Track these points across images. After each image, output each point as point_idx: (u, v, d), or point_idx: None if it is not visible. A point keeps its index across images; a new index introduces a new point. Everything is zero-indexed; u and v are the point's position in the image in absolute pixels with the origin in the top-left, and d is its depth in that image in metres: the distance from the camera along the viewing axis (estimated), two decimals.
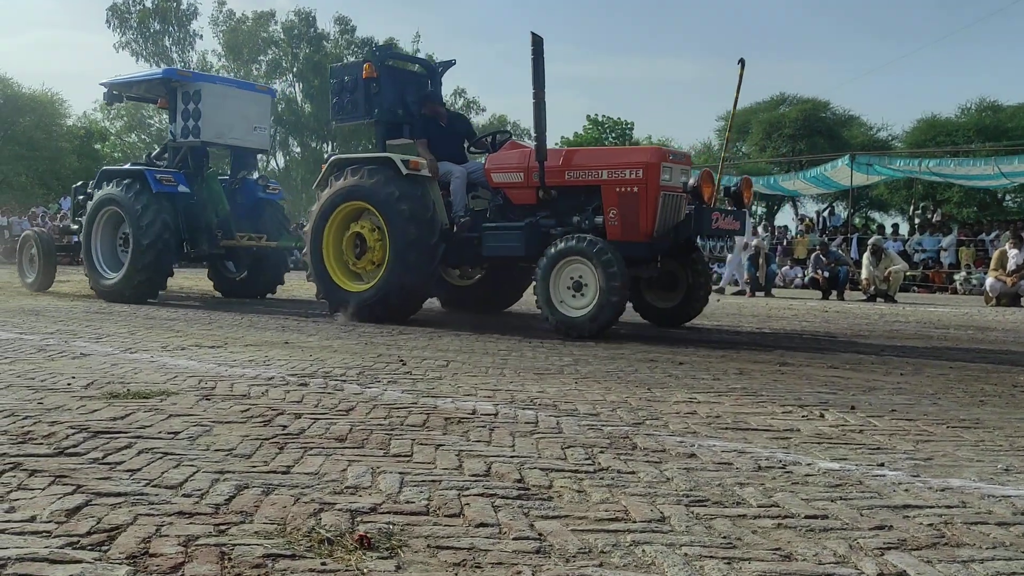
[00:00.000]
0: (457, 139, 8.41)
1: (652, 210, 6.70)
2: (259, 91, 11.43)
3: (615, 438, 3.03)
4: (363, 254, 7.61)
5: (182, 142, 10.25)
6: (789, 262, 20.69)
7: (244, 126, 10.52)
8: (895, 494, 2.40)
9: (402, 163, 7.34)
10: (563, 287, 6.72)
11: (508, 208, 7.48)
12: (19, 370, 4.24)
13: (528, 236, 7.07)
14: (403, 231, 7.23)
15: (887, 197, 32.83)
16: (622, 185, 6.77)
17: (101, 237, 10.00)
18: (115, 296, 9.56)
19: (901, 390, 4.36)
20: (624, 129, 46.77)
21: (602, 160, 7.06)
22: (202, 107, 10.04)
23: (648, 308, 7.80)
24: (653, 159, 6.78)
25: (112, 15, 43.10)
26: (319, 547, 1.88)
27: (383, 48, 9.31)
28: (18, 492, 2.21)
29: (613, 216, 6.78)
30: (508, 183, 7.41)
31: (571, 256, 6.63)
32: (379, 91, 8.12)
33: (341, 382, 4.12)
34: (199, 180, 10.28)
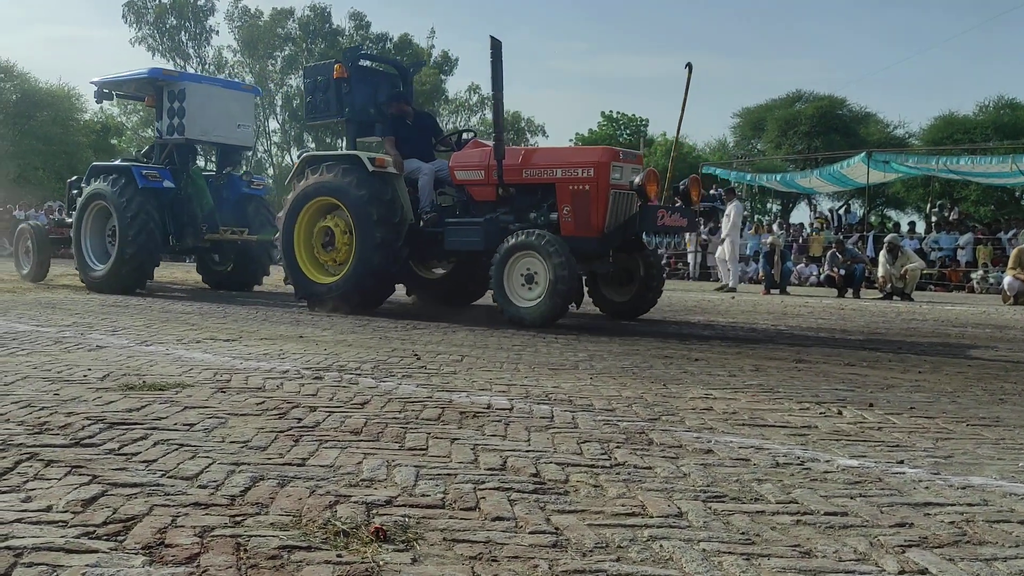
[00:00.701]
0: (424, 137, 8.66)
1: (603, 207, 6.99)
2: (243, 90, 11.71)
3: (631, 433, 3.01)
4: (331, 247, 7.94)
5: (168, 139, 10.52)
6: (804, 260, 20.59)
7: (228, 124, 10.81)
8: (915, 492, 2.37)
9: (368, 160, 7.63)
10: (516, 280, 7.02)
11: (470, 204, 7.75)
12: (36, 362, 4.26)
13: (487, 231, 7.36)
14: (368, 226, 7.52)
15: (904, 195, 32.63)
16: (575, 183, 7.06)
17: (91, 230, 10.32)
18: (102, 287, 9.87)
19: (919, 388, 4.32)
20: (638, 126, 46.62)
21: (557, 159, 7.35)
22: (187, 105, 10.31)
23: (605, 301, 8.10)
24: (603, 159, 7.07)
25: (128, 10, 43.34)
26: (335, 539, 1.87)
27: (353, 49, 9.59)
28: (35, 482, 2.21)
29: (567, 212, 7.06)
30: (470, 180, 7.69)
31: (523, 250, 6.93)
32: (350, 91, 8.44)
33: (356, 376, 4.12)
34: (184, 176, 10.54)
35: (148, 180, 9.87)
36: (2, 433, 2.71)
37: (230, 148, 11.24)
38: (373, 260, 7.56)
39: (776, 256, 15.70)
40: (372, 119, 8.69)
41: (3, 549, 1.75)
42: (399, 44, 46.31)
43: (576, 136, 46.59)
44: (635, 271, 7.85)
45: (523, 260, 6.98)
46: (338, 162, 7.88)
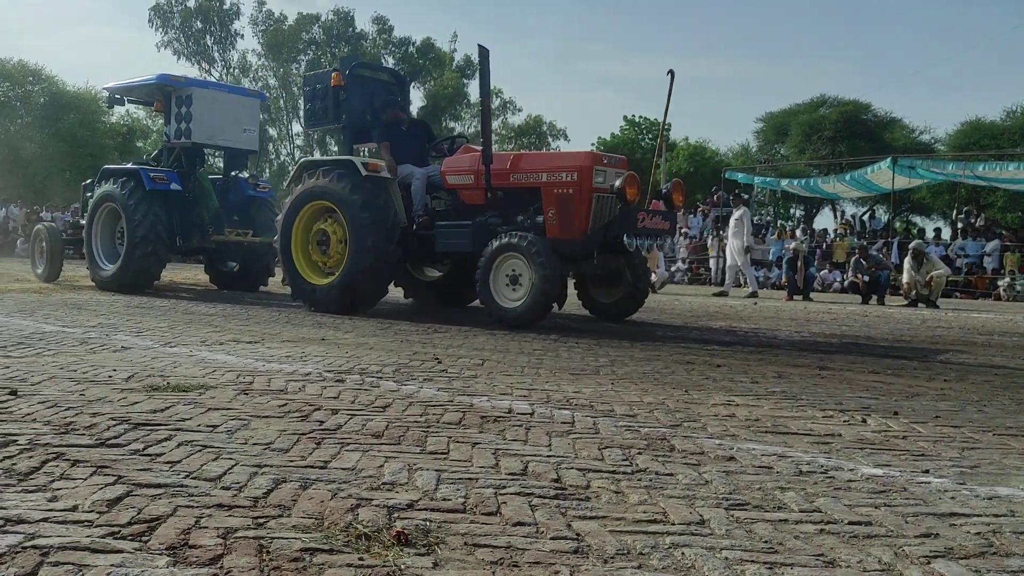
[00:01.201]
0: (418, 143, 8.92)
1: (586, 210, 7.21)
2: (249, 95, 12.01)
3: (652, 439, 3.00)
4: (327, 249, 8.22)
5: (175, 143, 10.82)
6: (828, 265, 20.44)
7: (234, 128, 11.11)
8: (941, 501, 2.35)
9: (362, 165, 7.91)
10: (501, 280, 7.26)
11: (461, 208, 8.01)
12: (62, 362, 4.31)
13: (475, 233, 7.61)
14: (361, 228, 7.77)
15: (929, 201, 32.32)
16: (559, 187, 7.29)
17: (101, 231, 10.71)
18: (111, 286, 10.23)
19: (945, 396, 4.27)
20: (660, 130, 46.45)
21: (542, 164, 7.60)
22: (193, 110, 10.62)
23: (592, 303, 8.39)
24: (587, 163, 7.27)
25: (155, 14, 43.81)
26: (356, 542, 1.87)
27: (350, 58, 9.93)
28: (61, 482, 2.24)
29: (552, 215, 7.29)
30: (461, 184, 7.95)
31: (508, 252, 7.17)
32: (347, 98, 8.78)
33: (377, 379, 4.13)
34: (192, 179, 10.81)
35: (156, 183, 10.18)
36: (29, 433, 2.75)
37: (236, 152, 11.52)
38: (365, 261, 7.78)
39: (799, 262, 15.59)
40: (369, 125, 8.92)
41: (30, 548, 1.77)
42: (422, 48, 46.49)
43: (598, 140, 46.54)
44: (622, 273, 8.07)
45: (508, 261, 7.21)
46: (333, 167, 8.13)
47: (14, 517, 1.94)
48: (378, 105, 8.97)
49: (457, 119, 46.67)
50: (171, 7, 43.83)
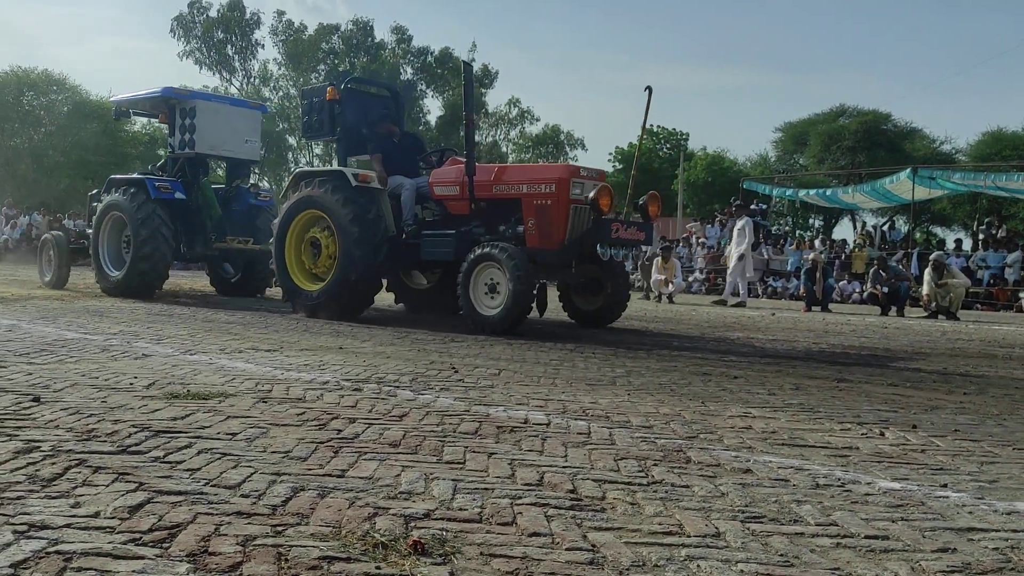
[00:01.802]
0: (410, 155, 9.21)
1: (563, 220, 7.50)
2: (251, 107, 12.41)
3: (669, 451, 3.00)
4: (319, 257, 8.53)
5: (180, 154, 11.19)
6: (847, 276, 20.32)
7: (236, 139, 11.46)
8: (959, 516, 2.34)
9: (352, 176, 8.23)
10: (481, 288, 7.53)
11: (448, 217, 8.35)
12: (84, 369, 4.36)
13: (458, 242, 7.90)
14: (350, 237, 8.10)
15: (950, 212, 32.09)
16: (538, 198, 7.58)
17: (107, 239, 11.04)
18: (117, 291, 10.55)
19: (964, 410, 4.25)
20: (679, 140, 46.46)
21: (523, 176, 7.91)
22: (197, 122, 10.98)
23: (575, 310, 8.70)
24: (564, 175, 7.58)
25: (177, 24, 44.30)
26: (374, 551, 1.89)
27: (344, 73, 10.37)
28: (83, 488, 2.27)
29: (531, 226, 7.59)
30: (447, 195, 8.29)
31: (486, 261, 7.43)
32: (341, 112, 9.08)
33: (395, 388, 4.15)
34: (195, 188, 11.18)
35: (160, 192, 10.50)
36: (52, 439, 2.79)
37: (238, 162, 11.88)
38: (354, 268, 8.09)
39: (818, 272, 15.51)
40: (364, 138, 9.22)
41: (53, 553, 1.79)
42: (440, 58, 46.70)
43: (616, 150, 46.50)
44: (604, 282, 8.36)
45: (487, 270, 7.47)
46: (326, 177, 8.45)
47: (38, 523, 1.97)
48: (372, 118, 9.30)
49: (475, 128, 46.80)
50: (193, 17, 44.32)
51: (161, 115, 11.70)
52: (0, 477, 2.33)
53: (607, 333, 8.10)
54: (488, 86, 47.54)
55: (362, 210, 8.12)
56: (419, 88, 46.42)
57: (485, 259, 7.43)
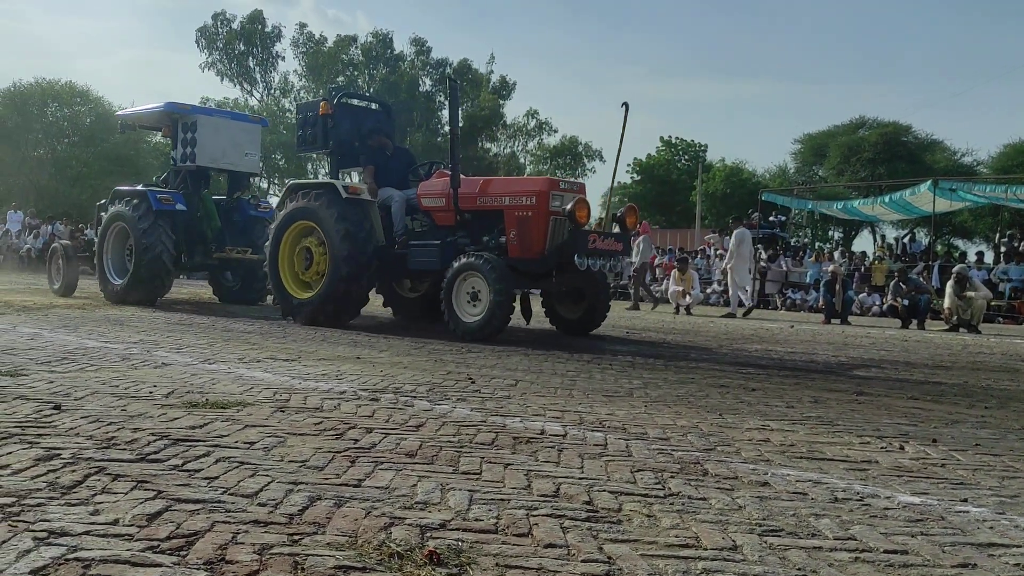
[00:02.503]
0: (401, 168, 9.49)
1: (543, 231, 7.76)
2: (251, 121, 12.75)
3: (686, 463, 2.99)
4: (311, 266, 8.80)
5: (181, 166, 11.54)
6: (867, 289, 20.18)
7: (236, 152, 11.77)
8: (979, 531, 2.31)
9: (342, 188, 8.55)
10: (463, 297, 7.77)
11: (435, 228, 8.59)
12: (104, 378, 4.40)
13: (443, 252, 8.19)
14: (339, 246, 8.35)
15: (971, 224, 31.85)
16: (520, 210, 7.86)
17: (112, 248, 11.41)
18: (120, 299, 10.89)
19: (986, 424, 4.20)
20: (697, 151, 46.39)
21: (505, 188, 8.19)
22: (198, 136, 11.32)
23: (558, 318, 8.98)
24: (544, 188, 7.86)
25: (201, 35, 44.79)
26: (389, 561, 1.89)
27: (337, 89, 10.61)
28: (102, 495, 2.29)
29: (513, 236, 7.85)
30: (434, 207, 8.55)
31: (469, 271, 7.68)
32: (334, 126, 9.40)
33: (411, 398, 4.16)
34: (196, 200, 11.50)
35: (162, 203, 10.84)
36: (72, 447, 2.81)
37: (238, 174, 12.16)
38: (343, 277, 8.36)
39: (838, 285, 15.41)
40: (357, 151, 9.49)
41: (72, 560, 1.81)
42: (459, 69, 46.88)
43: (634, 161, 46.50)
44: (586, 291, 8.66)
45: (469, 280, 7.72)
46: (317, 189, 8.77)
47: (57, 530, 1.99)
48: (364, 132, 9.58)
49: (493, 140, 46.90)
50: (217, 29, 44.78)
51: (164, 129, 12.05)
52: (21, 484, 2.35)
53: (623, 344, 8.09)
54: (506, 98, 47.68)
55: (352, 221, 8.40)
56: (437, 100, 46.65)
57: (467, 269, 7.67)
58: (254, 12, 45.91)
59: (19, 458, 2.63)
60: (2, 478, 2.41)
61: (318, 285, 8.67)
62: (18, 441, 2.86)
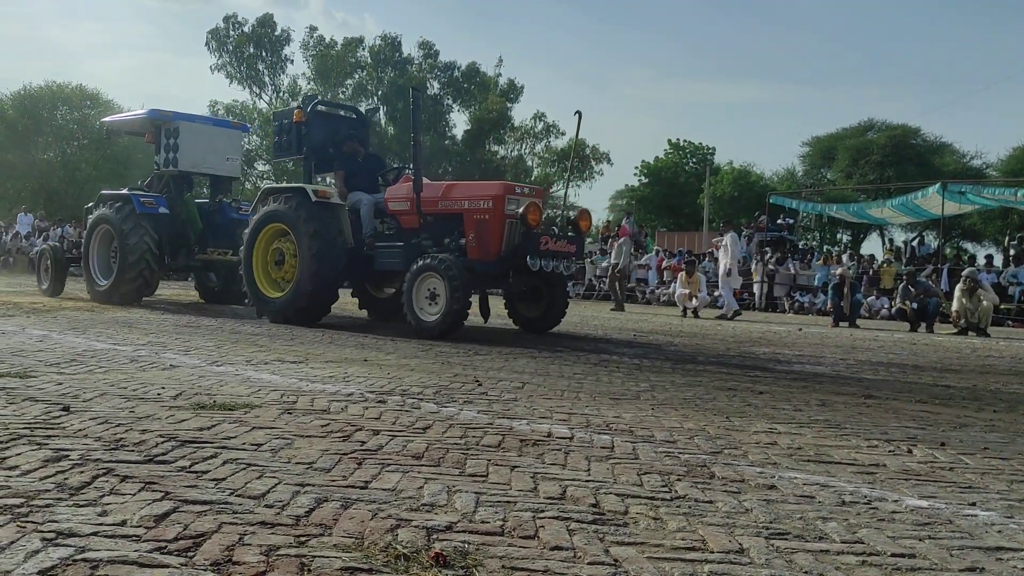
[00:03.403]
0: (372, 173, 9.90)
1: (499, 234, 8.10)
2: (232, 127, 13.07)
3: (692, 466, 2.98)
4: (283, 267, 9.19)
5: (164, 171, 11.86)
6: (875, 292, 20.11)
7: (217, 157, 12.13)
8: (987, 535, 2.30)
9: (312, 192, 8.87)
10: (422, 297, 8.10)
11: (400, 231, 8.95)
12: (112, 379, 4.42)
13: (406, 254, 8.60)
14: (309, 248, 8.70)
15: (980, 227, 31.72)
16: (478, 213, 8.21)
17: (97, 250, 11.76)
18: (105, 299, 11.19)
19: (994, 427, 4.19)
20: (704, 154, 46.32)
21: (465, 193, 8.50)
22: (180, 141, 11.67)
23: (519, 316, 9.36)
24: (500, 192, 8.19)
25: (212, 37, 44.95)
26: (396, 563, 1.90)
27: (311, 98, 11.07)
28: (110, 497, 2.30)
29: (472, 238, 8.20)
30: (400, 210, 8.89)
31: (427, 272, 7.99)
32: (308, 133, 9.77)
33: (418, 400, 4.17)
34: (179, 203, 11.79)
35: (145, 206, 11.23)
36: (80, 448, 2.82)
37: (220, 178, 12.51)
38: (312, 277, 8.69)
39: (846, 288, 15.36)
40: (331, 157, 9.87)
41: (80, 561, 1.82)
42: (467, 72, 46.92)
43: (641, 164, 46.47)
44: (544, 291, 9.05)
45: (428, 280, 8.04)
46: (288, 193, 9.12)
47: (65, 531, 2.00)
48: (338, 138, 9.96)
49: (501, 142, 46.91)
50: (227, 32, 44.94)
51: (148, 135, 12.31)
52: (29, 485, 2.36)
53: (629, 347, 8.08)
54: (514, 101, 47.68)
55: (320, 224, 8.73)
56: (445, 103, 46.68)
57: (426, 270, 7.99)
58: (265, 15, 46.07)
59: (28, 459, 2.65)
60: (11, 479, 2.42)
61: (289, 285, 9.02)
62: (27, 442, 2.87)
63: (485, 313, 9.35)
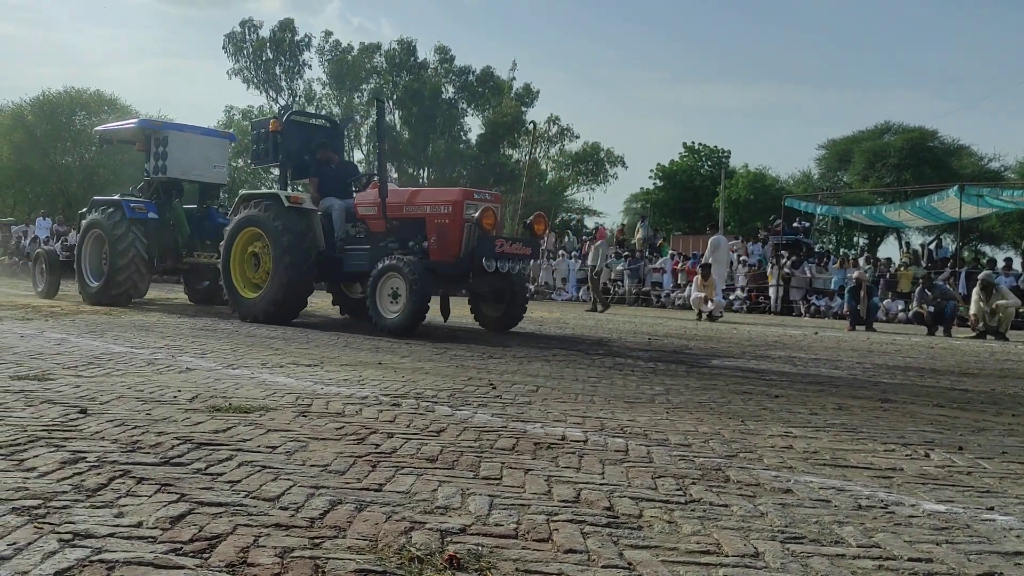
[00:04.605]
0: (344, 179, 10.40)
1: (458, 237, 8.54)
2: (220, 136, 13.55)
3: (707, 470, 2.97)
4: (258, 269, 9.67)
5: (154, 178, 12.33)
6: (892, 295, 19.98)
7: (205, 165, 12.60)
8: (1006, 540, 2.28)
9: (285, 198, 9.36)
10: (385, 295, 8.53)
11: (369, 234, 9.41)
12: (129, 382, 4.45)
13: (372, 256, 8.96)
14: (282, 251, 9.17)
15: (999, 230, 31.46)
16: (439, 218, 8.69)
17: (89, 253, 12.16)
18: (97, 300, 11.60)
19: (1013, 432, 4.15)
20: (720, 157, 46.18)
21: (428, 198, 9.05)
22: (168, 150, 12.15)
23: (482, 315, 9.80)
24: (459, 198, 8.69)
25: (228, 42, 45.23)
26: (409, 565, 1.90)
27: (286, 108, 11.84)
28: (127, 498, 2.31)
29: (434, 241, 8.68)
30: (368, 215, 9.38)
31: (390, 272, 8.43)
32: (283, 141, 10.22)
33: (432, 403, 4.17)
34: (168, 208, 12.26)
35: (135, 212, 11.66)
36: (97, 450, 2.84)
37: (208, 185, 12.94)
38: (284, 279, 9.14)
39: (862, 291, 15.26)
40: (306, 164, 10.33)
41: (97, 562, 1.83)
42: (481, 77, 46.98)
43: (656, 167, 46.36)
44: (506, 291, 9.42)
45: (391, 280, 8.48)
46: (263, 199, 9.61)
47: (82, 532, 2.01)
48: (312, 147, 10.40)
49: (515, 146, 46.93)
50: (245, 36, 45.20)
51: (139, 144, 12.80)
52: (47, 487, 2.38)
53: (644, 350, 8.06)
54: (529, 104, 47.69)
55: (293, 228, 9.20)
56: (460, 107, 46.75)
57: (389, 270, 8.43)
58: (285, 20, 46.31)
59: (45, 461, 2.67)
60: (29, 480, 2.44)
61: (264, 286, 9.46)
62: (45, 444, 2.90)
63: (445, 312, 9.75)
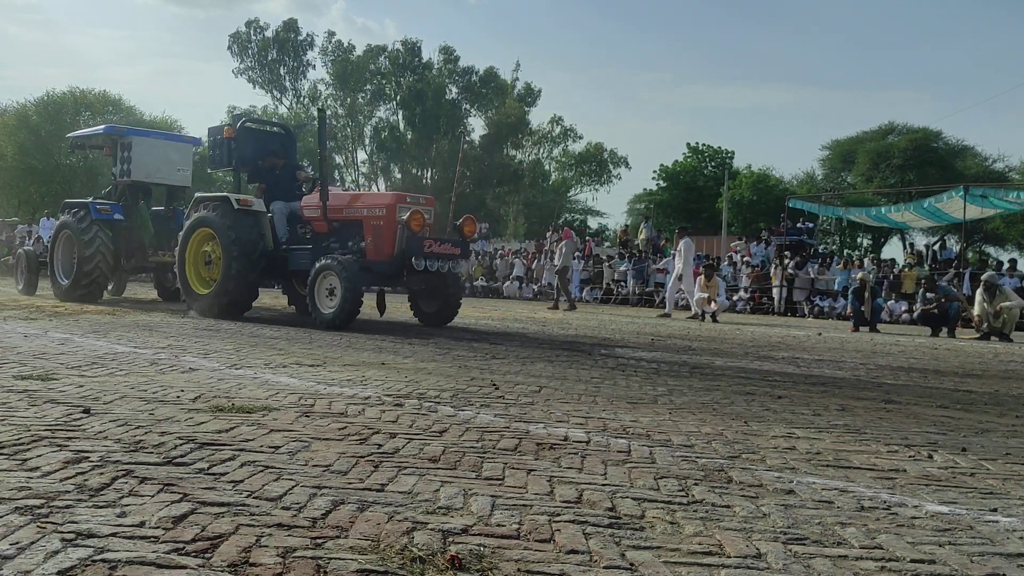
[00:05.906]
0: (290, 184, 10.97)
1: (391, 238, 9.20)
2: (184, 141, 14.34)
3: (710, 471, 2.97)
4: (211, 267, 10.29)
5: (120, 181, 12.96)
6: (895, 296, 19.96)
7: (169, 168, 13.25)
8: (1009, 541, 2.28)
9: (235, 200, 9.99)
10: (323, 292, 9.12)
11: (314, 235, 10.09)
12: (132, 382, 4.45)
13: (314, 255, 9.56)
14: (230, 250, 9.78)
15: (1003, 231, 31.42)
16: (374, 220, 9.37)
17: (61, 253, 12.91)
18: (66, 297, 12.24)
19: (1016, 433, 4.14)
20: (723, 158, 46.16)
21: (364, 202, 9.81)
22: (133, 154, 12.80)
23: (419, 311, 10.42)
24: (392, 201, 9.41)
25: (233, 42, 45.30)
26: (411, 565, 1.90)
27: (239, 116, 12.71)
28: (129, 498, 2.31)
29: (370, 242, 9.36)
30: (312, 217, 10.04)
31: (327, 271, 9.03)
32: (237, 147, 10.83)
33: (435, 404, 4.17)
34: (134, 210, 12.90)
35: (101, 213, 12.34)
36: (100, 450, 2.85)
37: (173, 188, 13.63)
38: (231, 276, 9.75)
39: (866, 292, 15.25)
40: (259, 168, 10.98)
41: (99, 562, 1.83)
42: (484, 77, 47.00)
43: (660, 168, 46.38)
44: (441, 289, 10.02)
45: (328, 278, 9.06)
46: (215, 201, 10.23)
47: (85, 531, 2.02)
48: (264, 153, 11.08)
49: (518, 147, 46.93)
50: (250, 37, 45.26)
51: (106, 148, 13.42)
52: (50, 486, 2.39)
53: (647, 351, 8.05)
54: (532, 105, 47.70)
55: (240, 229, 9.78)
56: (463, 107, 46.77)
57: (325, 269, 9.01)
58: (289, 20, 46.40)
59: (48, 460, 2.67)
60: (31, 480, 2.44)
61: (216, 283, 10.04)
62: (48, 444, 2.90)
63: (381, 308, 10.41)
